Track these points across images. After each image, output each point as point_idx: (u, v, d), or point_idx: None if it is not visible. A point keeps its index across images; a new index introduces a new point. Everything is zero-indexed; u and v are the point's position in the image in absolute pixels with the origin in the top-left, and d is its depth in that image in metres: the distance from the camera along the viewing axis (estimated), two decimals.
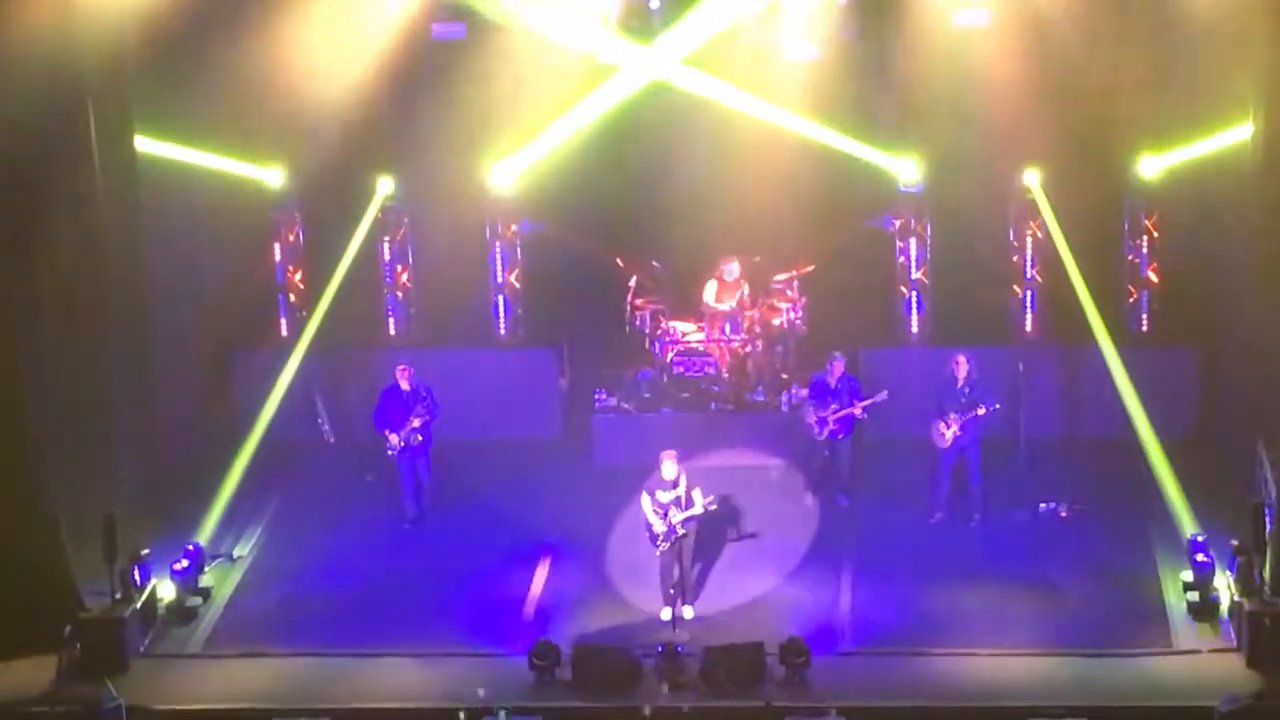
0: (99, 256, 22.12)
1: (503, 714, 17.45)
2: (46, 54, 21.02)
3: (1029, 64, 25.05)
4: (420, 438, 23.80)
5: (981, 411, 22.98)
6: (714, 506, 21.19)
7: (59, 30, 21.25)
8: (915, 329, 26.49)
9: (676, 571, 21.09)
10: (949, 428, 23.12)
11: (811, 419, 23.82)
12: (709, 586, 21.89)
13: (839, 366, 23.80)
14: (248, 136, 25.59)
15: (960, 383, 23.15)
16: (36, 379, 21.00)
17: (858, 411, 23.63)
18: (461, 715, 18.44)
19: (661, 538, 21.00)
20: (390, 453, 23.88)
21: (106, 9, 22.33)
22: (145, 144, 23.61)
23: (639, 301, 26.02)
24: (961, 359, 23.23)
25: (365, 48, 25.48)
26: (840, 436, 23.80)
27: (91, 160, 21.71)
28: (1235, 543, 20.65)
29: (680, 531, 20.97)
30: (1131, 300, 26.01)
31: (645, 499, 21.16)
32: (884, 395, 23.74)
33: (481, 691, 18.80)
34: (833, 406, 23.65)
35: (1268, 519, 20.26)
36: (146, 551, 21.40)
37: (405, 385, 23.86)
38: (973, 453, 23.19)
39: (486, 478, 24.80)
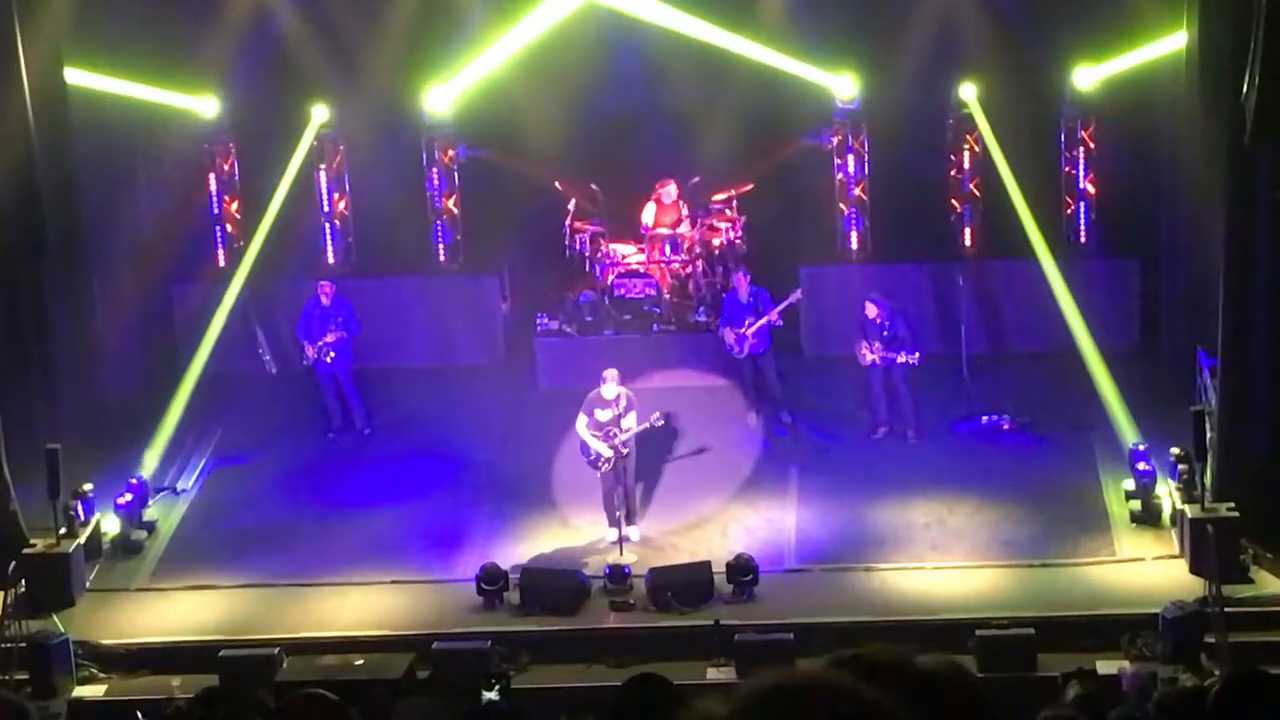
0: (32, 191, 21.89)
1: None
2: None
3: None
4: (332, 354, 23.79)
5: (903, 360, 22.94)
6: (660, 422, 21.20)
7: None
8: (855, 246, 26.48)
9: (619, 492, 21.11)
10: (870, 353, 23.14)
11: (730, 338, 23.81)
12: (655, 507, 21.94)
13: (743, 280, 23.79)
14: (179, 66, 25.34)
15: (877, 321, 23.13)
16: None
17: (775, 317, 23.62)
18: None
19: (602, 460, 21.00)
20: (304, 363, 24.02)
21: None
22: (76, 76, 23.34)
23: (578, 225, 25.93)
24: (870, 304, 23.15)
25: None
26: (761, 351, 23.79)
27: (22, 93, 21.45)
28: (1176, 451, 20.78)
29: (623, 450, 20.97)
30: (1070, 212, 26.03)
31: (581, 420, 21.14)
32: (797, 295, 23.79)
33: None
34: (747, 321, 23.63)
35: (1208, 426, 20.39)
36: (89, 486, 21.34)
37: (325, 300, 23.84)
38: (897, 373, 23.18)
39: (429, 404, 24.76)
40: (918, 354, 23.00)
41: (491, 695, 15.39)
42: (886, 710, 3.61)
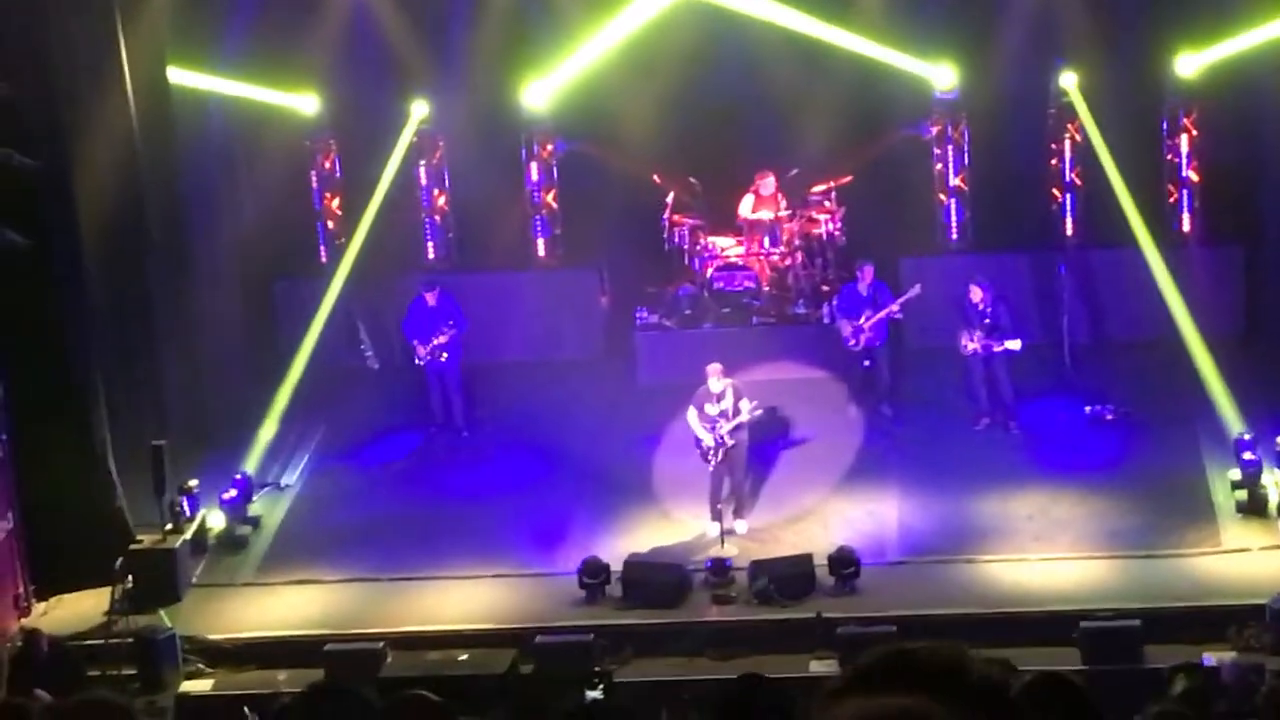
0: (136, 189, 22.13)
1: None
2: None
3: None
4: (445, 355, 23.89)
5: (1003, 348, 22.81)
6: (759, 412, 21.14)
7: None
8: (955, 236, 26.37)
9: (727, 486, 21.09)
10: (971, 342, 23.04)
11: (846, 330, 23.74)
12: (755, 500, 21.89)
13: (869, 273, 23.71)
14: (280, 65, 25.52)
15: (980, 306, 23.03)
16: (79, 314, 21.07)
17: (895, 309, 23.54)
18: None
19: (711, 451, 20.99)
20: (417, 362, 24.03)
21: None
22: (178, 75, 23.55)
23: (677, 218, 25.92)
24: (975, 287, 23.07)
25: None
26: (877, 344, 23.72)
27: (125, 93, 21.69)
28: None
29: (729, 442, 20.95)
30: (1172, 200, 25.82)
31: (692, 413, 21.15)
32: (917, 289, 23.61)
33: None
34: (866, 313, 23.58)
35: None
36: (195, 482, 21.54)
37: (431, 300, 23.94)
38: (998, 361, 23.06)
39: (530, 399, 24.82)
40: (1019, 341, 22.88)
41: (595, 694, 15.43)
42: None
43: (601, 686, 15.63)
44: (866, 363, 23.87)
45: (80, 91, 21.23)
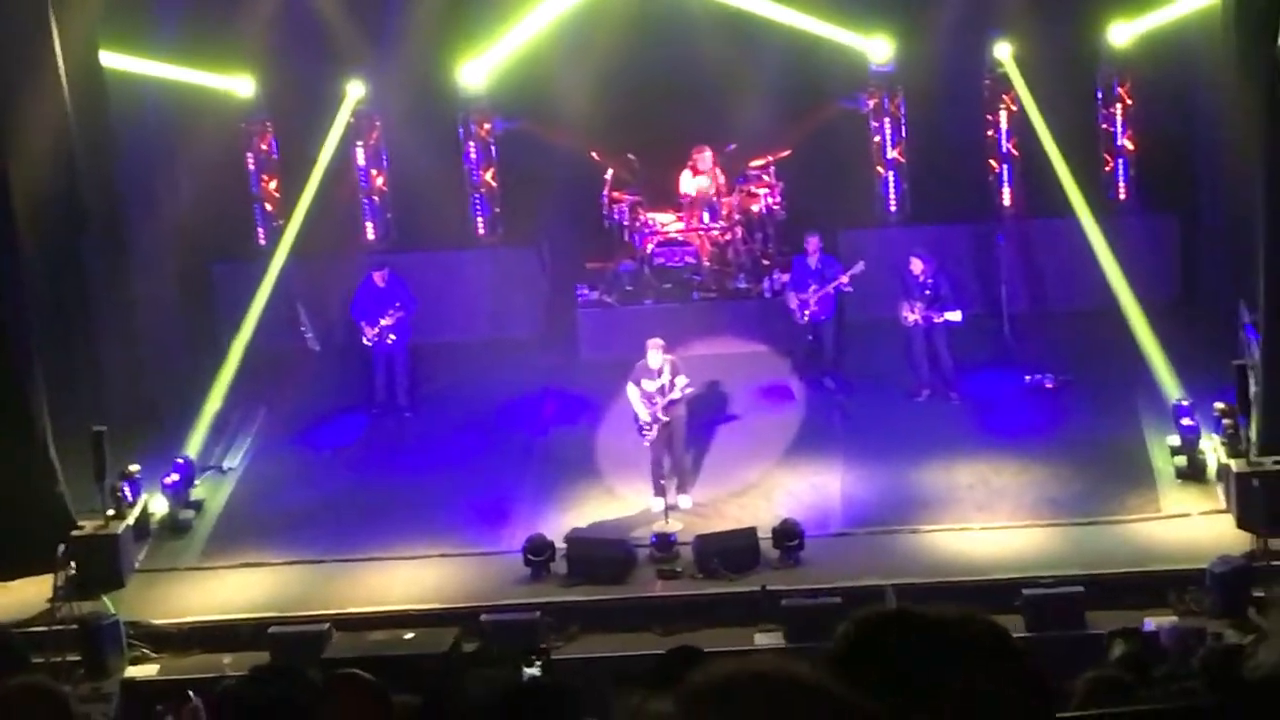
0: (71, 175, 21.99)
1: None
2: None
3: None
4: (393, 336, 23.88)
5: (951, 317, 22.94)
6: (690, 390, 21.20)
7: None
8: (893, 208, 26.45)
9: (667, 461, 21.14)
10: (912, 313, 23.14)
11: (793, 303, 23.83)
12: (699, 474, 21.94)
13: (815, 243, 23.79)
14: (214, 47, 25.40)
15: (921, 277, 23.14)
16: (16, 301, 20.94)
17: (845, 281, 23.61)
18: None
19: (648, 427, 21.04)
20: (365, 343, 23.99)
21: None
22: (112, 59, 23.42)
23: (616, 194, 25.91)
24: (916, 259, 23.18)
25: None
26: (824, 318, 23.81)
27: (58, 78, 21.54)
28: (1220, 405, 20.72)
29: (664, 418, 20.99)
30: (1108, 169, 25.94)
31: (631, 389, 21.18)
32: (860, 267, 23.71)
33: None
34: (812, 287, 23.65)
35: (1251, 380, 20.32)
36: (136, 467, 21.44)
37: (380, 281, 23.92)
38: (938, 334, 23.19)
39: (472, 378, 24.82)
40: (960, 312, 23.00)
41: (534, 671, 15.46)
42: (839, 699, 3.59)
43: (540, 664, 15.65)
44: (810, 337, 23.94)
45: (12, 77, 21.05)
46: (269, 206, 26.94)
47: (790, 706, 3.54)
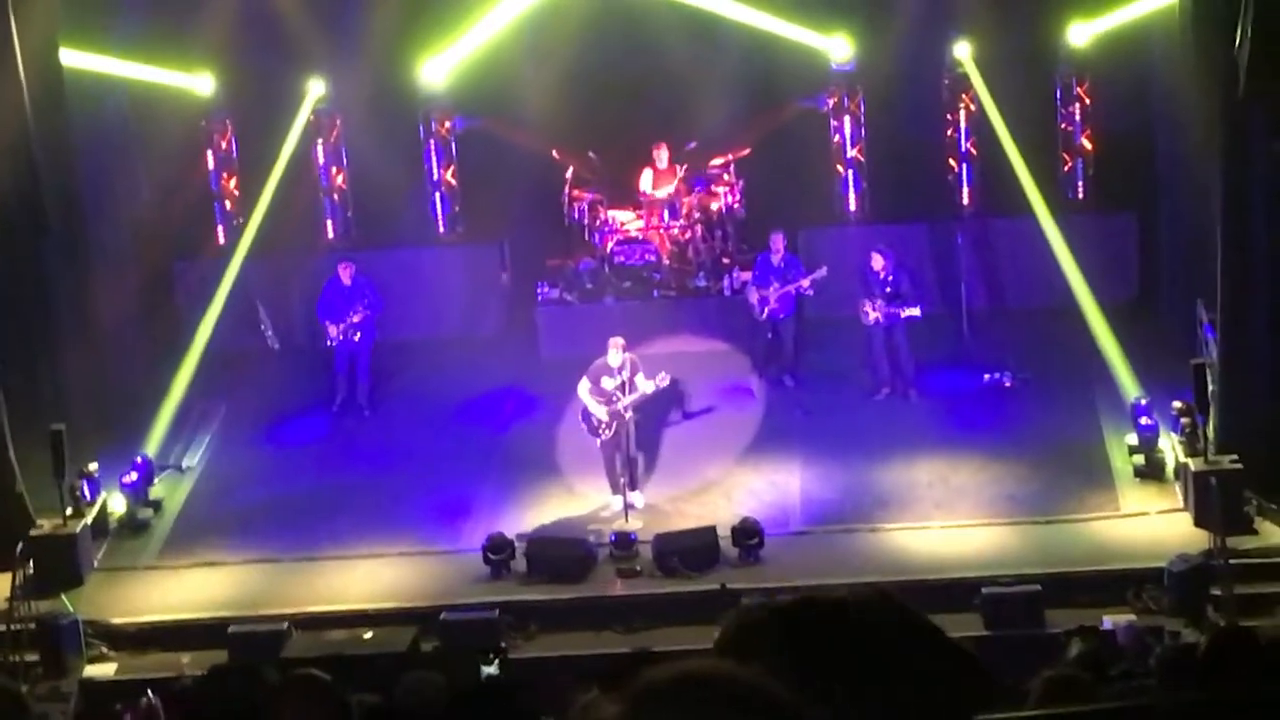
0: (30, 173, 21.90)
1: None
2: None
3: None
4: (359, 334, 23.86)
5: (911, 313, 23.02)
6: (665, 383, 21.22)
7: None
8: (853, 207, 26.51)
9: (620, 459, 21.15)
10: (873, 311, 23.20)
11: (754, 299, 23.88)
12: (659, 473, 21.97)
13: (779, 242, 23.85)
14: (174, 45, 25.32)
15: (881, 274, 23.20)
16: None
17: (805, 285, 23.67)
18: None
19: (602, 425, 21.04)
20: (328, 343, 23.95)
21: None
22: (71, 57, 23.33)
23: (576, 193, 25.94)
24: (877, 255, 23.25)
25: None
26: (783, 316, 23.86)
27: (17, 76, 21.44)
28: (1178, 404, 20.81)
29: (626, 415, 21.01)
30: (1067, 168, 26.04)
31: (583, 385, 21.18)
32: (823, 271, 23.80)
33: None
34: (774, 285, 23.70)
35: (1209, 379, 20.41)
36: (95, 466, 21.40)
37: (346, 280, 23.89)
38: (898, 332, 23.26)
39: (432, 376, 24.80)
40: (920, 308, 23.07)
41: (490, 669, 15.47)
42: (781, 700, 3.63)
43: (497, 662, 15.66)
44: (770, 335, 23.99)
45: None
46: (229, 205, 26.88)
47: (732, 708, 3.57)
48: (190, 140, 26.48)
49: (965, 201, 26.30)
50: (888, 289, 23.17)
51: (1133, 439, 21.42)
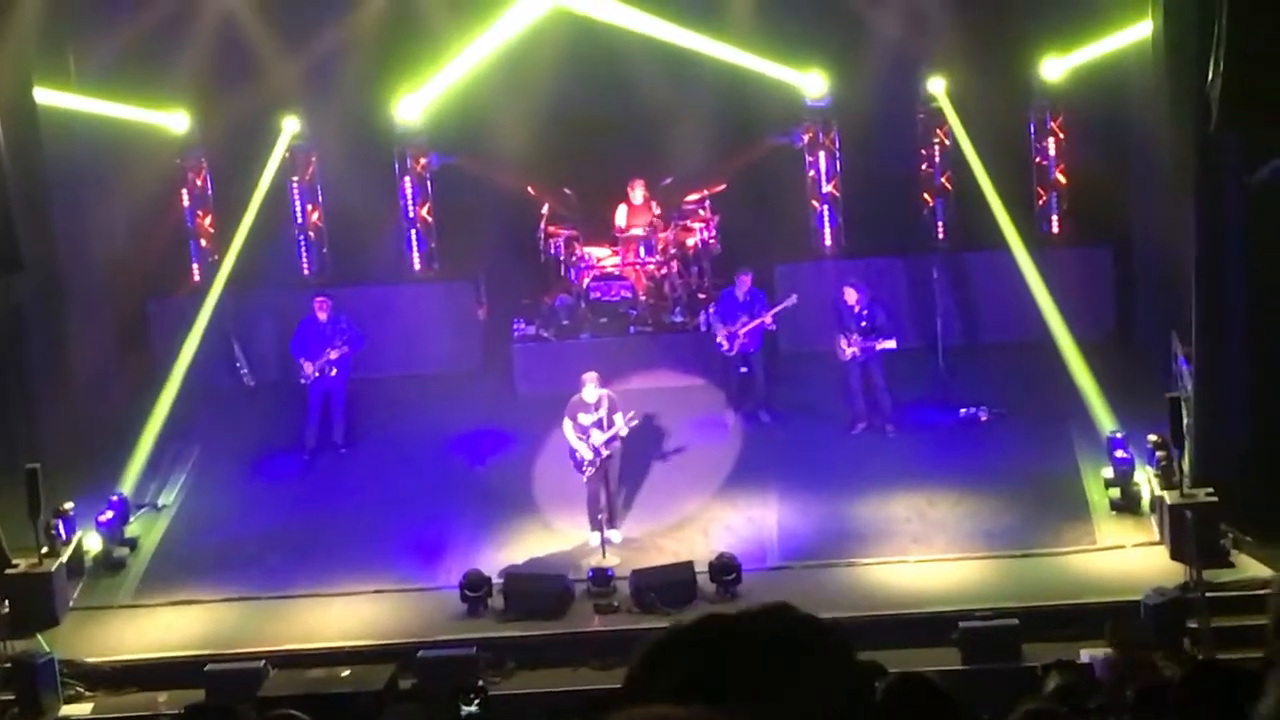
0: (4, 210, 21.85)
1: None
2: None
3: None
4: (335, 370, 23.82)
5: (887, 345, 23.07)
6: (635, 422, 21.22)
7: None
8: (829, 242, 26.55)
9: (603, 495, 21.14)
10: (849, 346, 23.23)
11: (721, 335, 23.90)
12: (636, 509, 21.96)
13: (746, 280, 23.90)
14: (149, 83, 25.33)
15: (856, 308, 23.23)
16: None
17: (768, 320, 23.73)
18: None
19: (586, 464, 21.05)
20: (303, 381, 23.88)
21: None
22: (45, 95, 23.32)
23: (552, 229, 25.96)
24: (850, 290, 23.28)
25: None
26: (752, 350, 23.88)
27: None
28: (1154, 438, 20.84)
29: (604, 453, 21.01)
30: (1041, 203, 26.11)
31: (567, 424, 21.20)
32: (793, 299, 23.88)
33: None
34: (741, 319, 23.73)
35: (1184, 412, 20.45)
36: (70, 504, 21.32)
37: (323, 316, 23.86)
38: (875, 365, 23.29)
39: (408, 412, 24.76)
40: (895, 341, 23.10)
41: (471, 709, 15.43)
42: None
43: (477, 701, 15.62)
44: (744, 369, 24.01)
45: None
46: (204, 242, 26.84)
47: None
48: (165, 177, 26.44)
49: (940, 236, 26.35)
50: (863, 323, 23.21)
51: (1109, 472, 21.44)
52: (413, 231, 26.93)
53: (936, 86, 25.65)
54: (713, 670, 3.86)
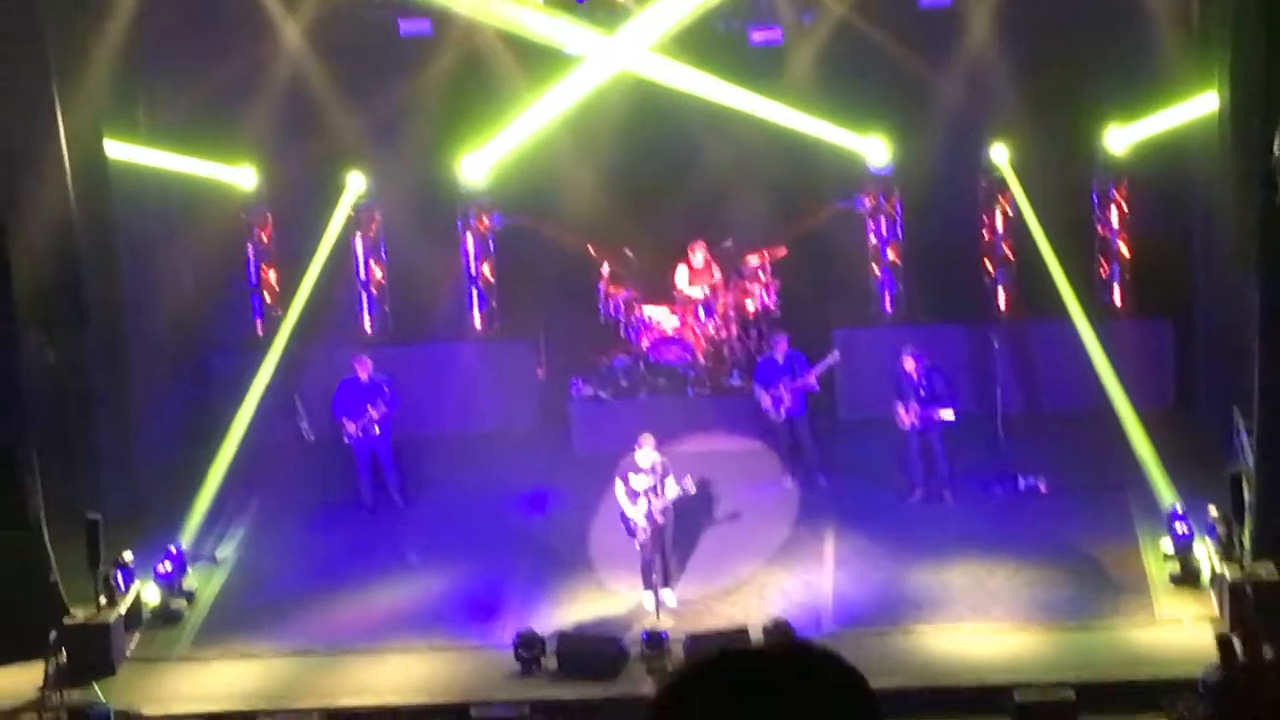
0: (72, 262, 22.10)
1: None
2: (13, 62, 21.05)
3: (994, 42, 25.21)
4: (378, 429, 23.89)
5: (945, 415, 23.03)
6: (692, 490, 21.20)
7: (25, 38, 21.26)
8: (889, 308, 26.56)
9: (658, 558, 21.13)
10: (908, 414, 23.20)
11: (766, 401, 23.90)
12: (691, 571, 21.94)
13: (783, 343, 23.93)
14: (217, 138, 25.55)
15: (914, 376, 23.20)
16: (14, 388, 20.98)
17: (811, 381, 23.72)
18: None
19: (639, 528, 21.02)
20: (346, 440, 23.98)
21: (73, 16, 22.34)
22: (115, 148, 23.56)
23: (612, 289, 26.03)
24: (908, 358, 23.25)
25: (335, 46, 25.62)
26: (797, 414, 23.87)
27: (62, 165, 21.67)
28: (1214, 511, 20.75)
29: (659, 520, 20.99)
30: (1103, 273, 26.09)
31: (618, 485, 21.18)
32: (835, 356, 23.89)
33: None
34: (784, 382, 23.73)
35: (1246, 487, 20.35)
36: (129, 555, 21.43)
37: (363, 376, 23.95)
38: (933, 434, 23.25)
39: (465, 470, 24.82)
40: (954, 410, 23.06)
41: None
42: None
43: None
44: (789, 434, 24.00)
45: (17, 167, 21.17)
46: (268, 296, 27.03)
47: None
48: (231, 232, 26.65)
49: (1001, 305, 26.31)
50: (921, 391, 23.18)
51: (1168, 545, 21.34)
52: (474, 289, 27.05)
53: (999, 155, 25.67)
54: (728, 707, 3.92)
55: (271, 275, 27.06)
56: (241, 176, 26.22)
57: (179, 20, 25.07)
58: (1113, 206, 25.93)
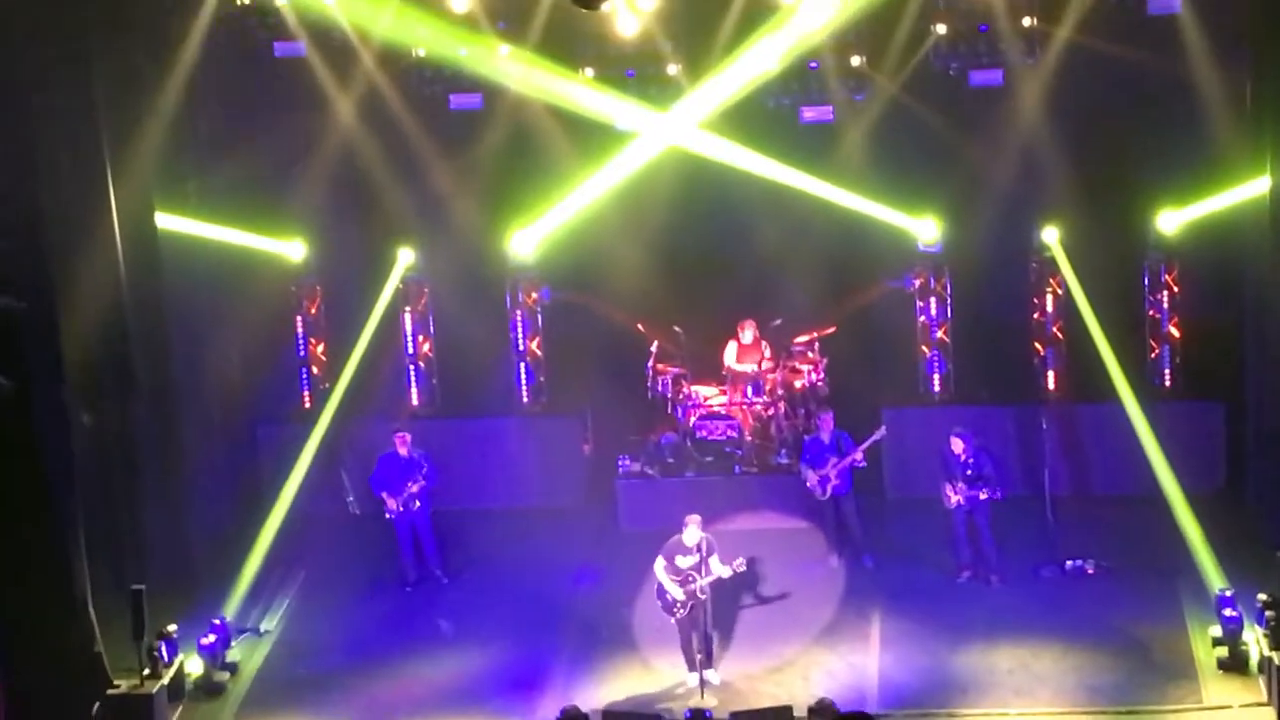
0: (122, 333, 22.23)
1: None
2: (66, 131, 21.22)
3: (1045, 121, 25.23)
4: (418, 504, 23.87)
5: (986, 496, 22.94)
6: (742, 569, 21.12)
7: (79, 108, 21.44)
8: (937, 388, 26.48)
9: (696, 636, 21.03)
10: (955, 494, 23.10)
11: (812, 480, 23.83)
12: (736, 650, 21.84)
13: (828, 421, 23.86)
14: (267, 211, 25.73)
15: (962, 456, 23.11)
16: (61, 457, 21.03)
17: (859, 457, 23.65)
18: None
19: (678, 605, 20.94)
20: (388, 516, 23.96)
21: (126, 88, 22.52)
22: (166, 220, 23.71)
23: (660, 366, 26.06)
24: (956, 439, 23.15)
25: (386, 119, 25.78)
26: (843, 492, 23.79)
27: (113, 236, 21.82)
28: (1264, 597, 20.58)
29: (701, 597, 20.90)
30: (1154, 355, 25.99)
31: (660, 563, 21.10)
32: (882, 431, 23.83)
33: None
34: (831, 461, 23.66)
35: None
36: (173, 627, 21.43)
37: (403, 451, 23.94)
38: (980, 515, 23.14)
39: (511, 546, 24.83)
40: (1000, 492, 22.97)
41: None
42: None
43: None
44: (834, 513, 23.92)
45: (69, 238, 21.30)
46: (315, 369, 27.13)
47: None
48: (280, 304, 26.78)
49: (1050, 386, 26.22)
50: (968, 471, 23.08)
51: (1217, 631, 21.15)
52: (522, 365, 27.09)
53: (1050, 235, 25.67)
54: None
55: (319, 348, 27.14)
56: (291, 249, 26.38)
57: (231, 93, 25.30)
58: (1164, 289, 25.84)
